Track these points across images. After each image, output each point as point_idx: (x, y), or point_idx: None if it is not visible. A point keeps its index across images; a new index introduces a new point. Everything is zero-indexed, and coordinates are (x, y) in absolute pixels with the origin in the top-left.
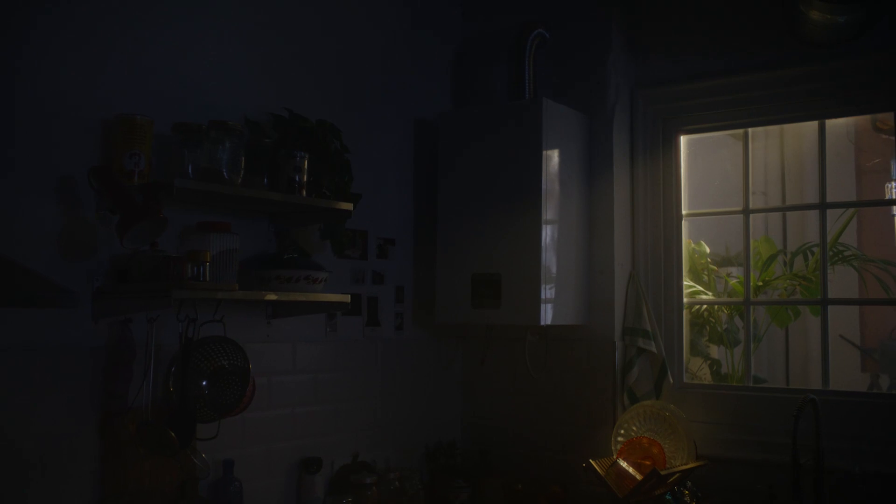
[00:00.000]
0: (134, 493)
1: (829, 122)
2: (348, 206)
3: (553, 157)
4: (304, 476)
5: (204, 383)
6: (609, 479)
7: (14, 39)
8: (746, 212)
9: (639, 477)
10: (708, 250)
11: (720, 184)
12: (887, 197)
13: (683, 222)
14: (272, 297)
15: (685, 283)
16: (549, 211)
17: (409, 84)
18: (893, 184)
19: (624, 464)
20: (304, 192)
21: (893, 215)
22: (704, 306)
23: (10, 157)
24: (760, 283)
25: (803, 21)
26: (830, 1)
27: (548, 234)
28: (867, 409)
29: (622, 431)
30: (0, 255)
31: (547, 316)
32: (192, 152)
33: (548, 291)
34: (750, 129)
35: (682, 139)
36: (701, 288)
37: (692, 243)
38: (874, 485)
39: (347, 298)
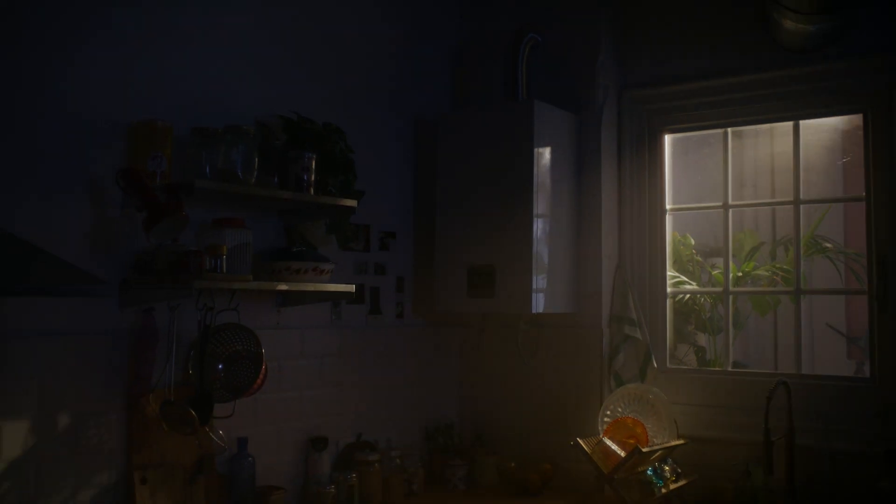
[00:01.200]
0: (157, 467)
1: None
2: (352, 202)
3: (544, 155)
4: (312, 453)
5: (220, 367)
6: (595, 456)
7: (49, 52)
8: (726, 207)
9: (623, 454)
10: (693, 242)
11: (709, 179)
12: None
13: (672, 216)
14: (283, 287)
15: (670, 273)
16: (541, 205)
17: (410, 86)
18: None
19: (609, 442)
20: (312, 191)
21: None
22: (688, 295)
23: (45, 160)
24: (741, 274)
25: (778, 29)
26: (800, 12)
27: (539, 227)
28: (838, 391)
29: (608, 412)
30: (44, 250)
31: (538, 305)
32: (209, 154)
33: (539, 282)
34: (736, 128)
35: (667, 138)
36: (686, 278)
37: (678, 236)
38: (841, 461)
39: (352, 288)
